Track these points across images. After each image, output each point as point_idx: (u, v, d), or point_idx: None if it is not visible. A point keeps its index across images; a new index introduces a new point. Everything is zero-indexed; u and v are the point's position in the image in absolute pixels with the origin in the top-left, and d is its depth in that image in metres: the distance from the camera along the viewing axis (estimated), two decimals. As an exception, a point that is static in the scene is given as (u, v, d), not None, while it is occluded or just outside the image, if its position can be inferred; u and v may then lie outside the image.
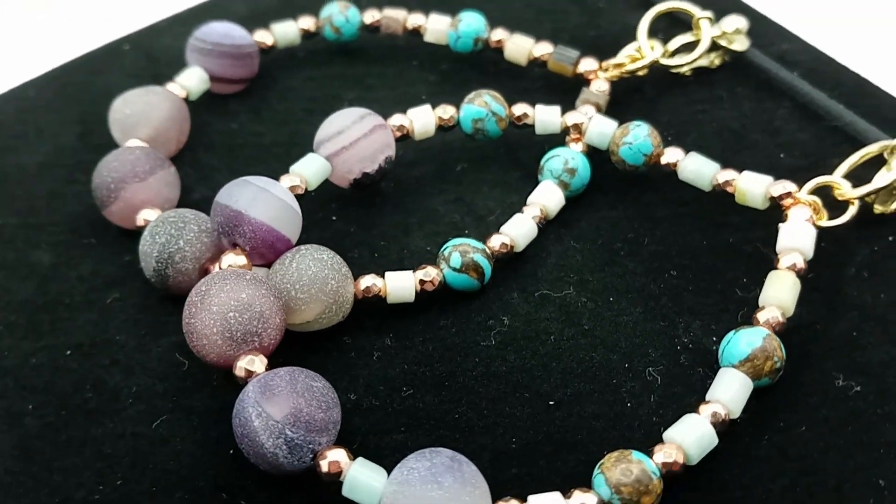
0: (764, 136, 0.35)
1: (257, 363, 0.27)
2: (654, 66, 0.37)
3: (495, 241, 0.32)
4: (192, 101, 0.37)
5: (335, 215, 0.34)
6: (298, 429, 0.25)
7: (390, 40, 0.40)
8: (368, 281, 0.30)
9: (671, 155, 0.33)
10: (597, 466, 0.25)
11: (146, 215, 0.32)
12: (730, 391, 0.27)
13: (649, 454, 0.25)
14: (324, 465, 0.25)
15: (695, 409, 0.27)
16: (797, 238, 0.30)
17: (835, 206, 0.31)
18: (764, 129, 0.36)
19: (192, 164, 0.36)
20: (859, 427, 0.27)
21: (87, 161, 0.35)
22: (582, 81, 0.38)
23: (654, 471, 0.25)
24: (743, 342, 0.27)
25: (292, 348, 0.29)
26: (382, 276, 0.30)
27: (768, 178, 0.31)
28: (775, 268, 0.29)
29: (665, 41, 0.38)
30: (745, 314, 0.30)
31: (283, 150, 0.36)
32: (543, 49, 0.38)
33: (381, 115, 0.33)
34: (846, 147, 0.34)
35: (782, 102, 0.36)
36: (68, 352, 0.30)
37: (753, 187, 0.31)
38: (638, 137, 0.33)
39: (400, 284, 0.30)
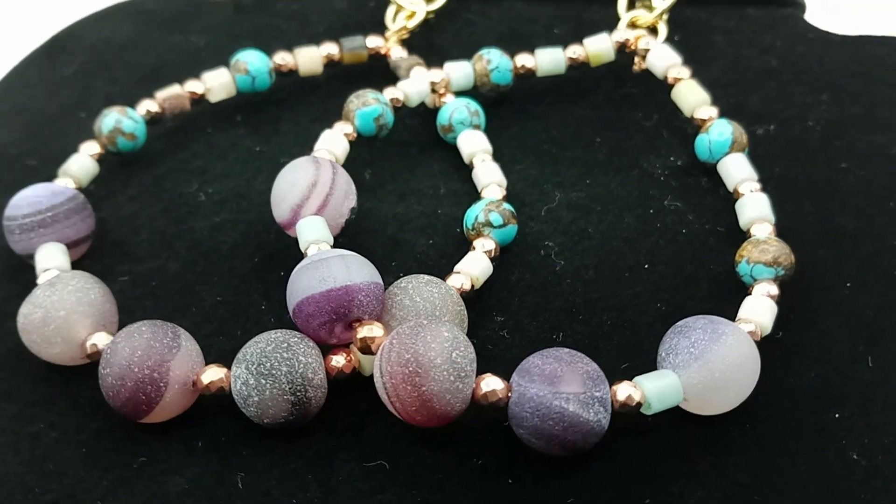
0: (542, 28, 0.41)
1: (497, 382, 0.26)
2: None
3: (493, 192, 0.33)
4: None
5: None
6: (596, 385, 0.26)
7: (180, 132, 0.38)
8: (457, 281, 0.30)
9: (523, 60, 0.37)
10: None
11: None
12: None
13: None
14: (624, 399, 0.26)
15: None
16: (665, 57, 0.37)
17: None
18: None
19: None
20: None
21: None
22: (383, 58, 0.40)
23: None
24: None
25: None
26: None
27: (605, 35, 0.38)
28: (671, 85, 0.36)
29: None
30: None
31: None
32: (330, 48, 0.39)
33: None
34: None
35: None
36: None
37: (600, 46, 0.37)
38: (496, 58, 0.37)
39: (482, 268, 0.31)
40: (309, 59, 0.38)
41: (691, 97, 0.35)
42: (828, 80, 0.38)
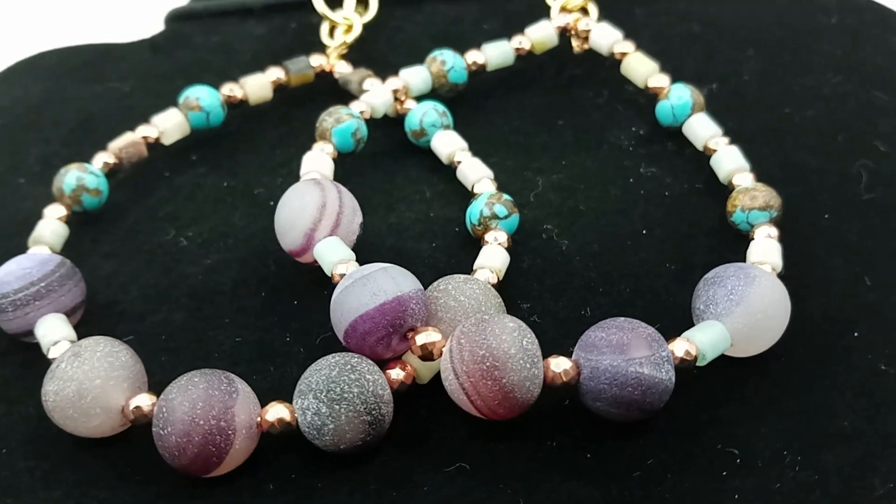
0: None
1: (565, 361, 0.27)
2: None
3: (486, 186, 0.34)
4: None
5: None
6: (660, 345, 0.27)
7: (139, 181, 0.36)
8: (483, 276, 0.31)
9: (474, 57, 0.38)
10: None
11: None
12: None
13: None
14: (683, 354, 0.27)
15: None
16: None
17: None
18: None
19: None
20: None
21: None
22: (328, 76, 0.39)
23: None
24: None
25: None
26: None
27: (546, 22, 0.39)
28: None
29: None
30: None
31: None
32: (276, 73, 0.38)
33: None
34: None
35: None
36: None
37: (543, 34, 0.39)
38: (450, 58, 0.37)
39: (502, 259, 0.31)
40: (258, 86, 0.38)
41: (642, 68, 0.37)
42: (749, 36, 0.40)
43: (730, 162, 0.34)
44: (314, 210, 0.30)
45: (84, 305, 0.31)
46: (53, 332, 0.29)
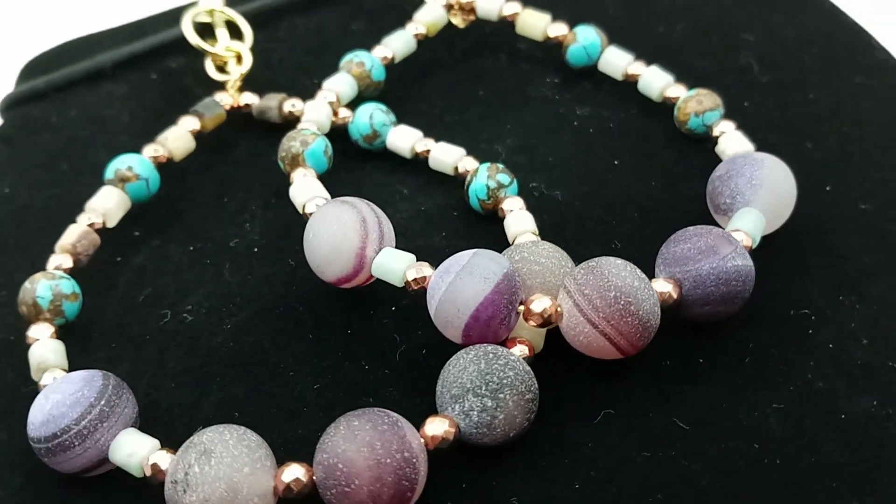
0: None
1: (663, 283, 0.29)
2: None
3: (468, 163, 0.34)
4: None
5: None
6: (733, 238, 0.29)
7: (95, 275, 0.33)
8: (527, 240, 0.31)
9: (381, 52, 0.38)
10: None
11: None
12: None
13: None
14: (747, 243, 0.30)
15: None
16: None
17: None
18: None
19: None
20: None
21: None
22: (247, 114, 0.37)
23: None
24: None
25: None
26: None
27: (431, 3, 0.40)
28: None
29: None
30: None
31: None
32: (189, 122, 0.36)
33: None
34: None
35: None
36: None
37: (435, 14, 0.39)
38: (366, 57, 0.37)
39: (515, 226, 0.32)
40: (180, 139, 0.35)
41: (538, 23, 0.39)
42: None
43: (658, 79, 0.37)
44: (357, 228, 0.29)
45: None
46: (140, 447, 0.25)
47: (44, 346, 0.28)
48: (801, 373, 0.29)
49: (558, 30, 0.39)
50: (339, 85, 0.36)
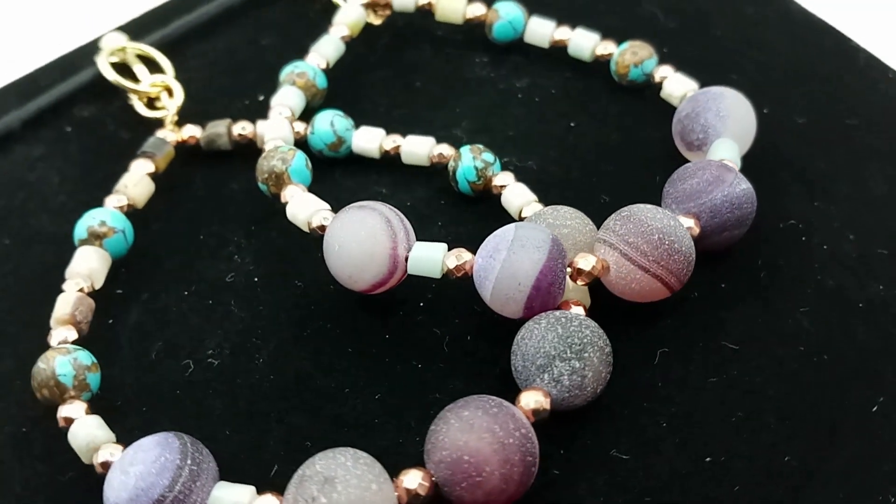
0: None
1: (685, 219, 0.30)
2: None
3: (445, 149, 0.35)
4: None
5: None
6: (730, 165, 0.31)
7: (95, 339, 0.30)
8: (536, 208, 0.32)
9: (316, 60, 0.38)
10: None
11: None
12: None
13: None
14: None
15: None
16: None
17: None
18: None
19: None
20: None
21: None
22: (192, 147, 0.36)
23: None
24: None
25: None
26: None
27: (352, 3, 0.39)
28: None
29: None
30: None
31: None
32: (142, 165, 0.34)
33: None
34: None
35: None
36: None
37: (356, 14, 0.39)
38: (307, 67, 0.36)
39: (515, 199, 0.33)
40: (139, 184, 0.33)
41: (458, 6, 0.39)
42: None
43: (588, 39, 0.38)
44: (384, 229, 0.28)
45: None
46: (240, 497, 0.24)
47: (85, 424, 0.26)
48: (811, 275, 0.31)
49: (477, 10, 0.39)
50: (289, 99, 0.35)
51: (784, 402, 0.28)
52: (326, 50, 0.37)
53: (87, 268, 0.30)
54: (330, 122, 0.34)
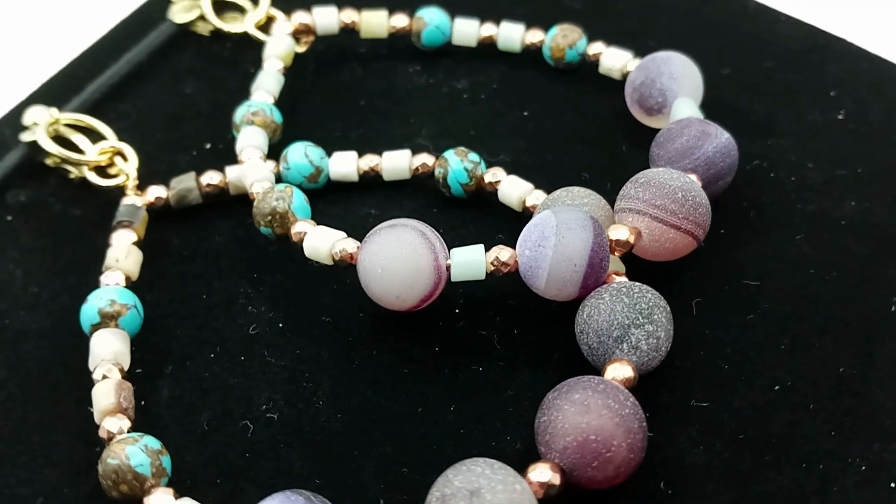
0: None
1: (689, 176, 0.32)
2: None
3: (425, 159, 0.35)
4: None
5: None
6: (706, 119, 0.33)
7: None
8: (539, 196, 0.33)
9: (262, 97, 0.37)
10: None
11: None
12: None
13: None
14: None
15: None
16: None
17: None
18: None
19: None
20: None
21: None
22: (161, 208, 0.34)
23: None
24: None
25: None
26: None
27: (276, 36, 0.39)
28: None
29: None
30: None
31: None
32: (125, 236, 0.32)
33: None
34: None
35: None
36: None
37: (283, 47, 0.39)
38: (261, 105, 0.35)
39: (514, 191, 0.33)
40: (130, 256, 0.31)
41: (381, 20, 0.40)
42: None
43: (515, 32, 0.39)
44: (423, 242, 0.28)
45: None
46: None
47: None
48: (792, 206, 0.33)
49: (401, 21, 0.40)
50: (254, 139, 0.34)
51: (817, 321, 0.30)
52: (269, 85, 0.37)
53: (110, 351, 0.28)
54: (304, 154, 0.34)
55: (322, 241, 0.30)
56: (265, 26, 0.40)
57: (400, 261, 0.28)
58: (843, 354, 0.29)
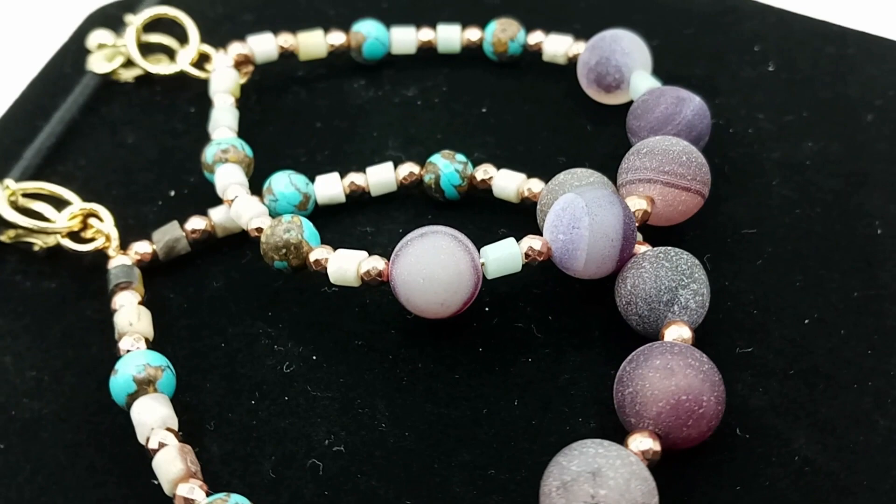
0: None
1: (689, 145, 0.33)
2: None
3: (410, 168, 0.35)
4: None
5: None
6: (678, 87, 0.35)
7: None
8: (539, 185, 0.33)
9: (223, 134, 0.36)
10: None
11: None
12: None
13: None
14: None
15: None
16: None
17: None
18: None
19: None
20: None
21: None
22: (150, 263, 0.32)
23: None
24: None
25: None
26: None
27: (218, 72, 0.37)
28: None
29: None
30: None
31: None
32: (131, 299, 0.30)
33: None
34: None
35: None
36: None
37: (229, 81, 0.37)
38: (230, 141, 0.34)
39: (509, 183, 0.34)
40: (142, 319, 0.30)
41: (318, 40, 0.39)
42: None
43: (452, 33, 0.40)
44: (459, 246, 0.28)
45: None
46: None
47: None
48: (759, 155, 0.35)
49: (337, 38, 0.39)
50: (233, 176, 0.33)
51: (819, 255, 0.32)
52: (227, 120, 0.35)
53: (158, 418, 0.26)
54: (289, 183, 0.33)
55: (348, 264, 0.29)
56: (198, 63, 0.39)
57: (440, 267, 0.27)
58: (852, 280, 0.31)
